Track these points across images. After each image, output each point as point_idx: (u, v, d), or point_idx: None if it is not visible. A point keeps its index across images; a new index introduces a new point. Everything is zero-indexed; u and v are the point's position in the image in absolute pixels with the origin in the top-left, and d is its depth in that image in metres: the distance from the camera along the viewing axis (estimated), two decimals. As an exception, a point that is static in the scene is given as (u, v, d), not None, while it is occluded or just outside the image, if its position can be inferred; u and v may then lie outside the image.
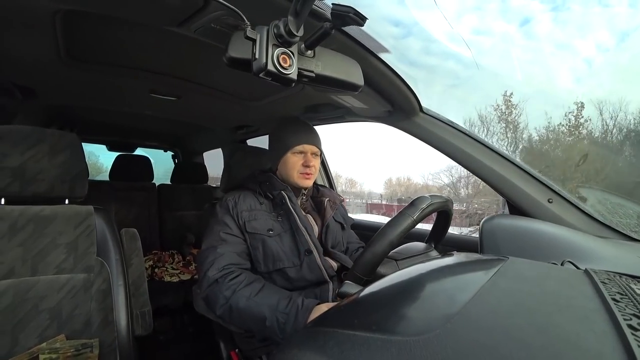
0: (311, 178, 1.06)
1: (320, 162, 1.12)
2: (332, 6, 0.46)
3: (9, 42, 0.89)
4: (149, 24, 0.72)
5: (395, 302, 0.44)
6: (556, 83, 6.52)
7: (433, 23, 1.69)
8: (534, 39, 9.73)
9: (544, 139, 7.20)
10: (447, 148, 1.05)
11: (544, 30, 8.87)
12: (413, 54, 10.77)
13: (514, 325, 0.33)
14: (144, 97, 1.41)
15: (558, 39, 8.52)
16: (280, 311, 0.83)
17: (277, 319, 0.82)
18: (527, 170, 0.99)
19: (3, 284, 0.85)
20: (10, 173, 0.88)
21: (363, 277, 0.69)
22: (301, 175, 1.04)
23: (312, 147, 1.05)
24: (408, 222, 0.71)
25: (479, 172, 1.02)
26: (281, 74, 0.47)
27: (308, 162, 1.04)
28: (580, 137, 6.79)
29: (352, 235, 1.27)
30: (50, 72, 1.13)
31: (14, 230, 0.88)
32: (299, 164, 1.04)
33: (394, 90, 0.94)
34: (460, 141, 1.03)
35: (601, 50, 8.19)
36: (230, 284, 0.89)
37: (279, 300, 0.85)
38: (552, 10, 10.63)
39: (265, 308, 0.84)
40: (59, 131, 0.98)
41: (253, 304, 0.85)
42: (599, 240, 0.87)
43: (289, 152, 1.04)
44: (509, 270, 0.48)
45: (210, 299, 0.91)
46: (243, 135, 2.06)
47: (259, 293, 0.88)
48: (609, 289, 0.40)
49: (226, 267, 0.92)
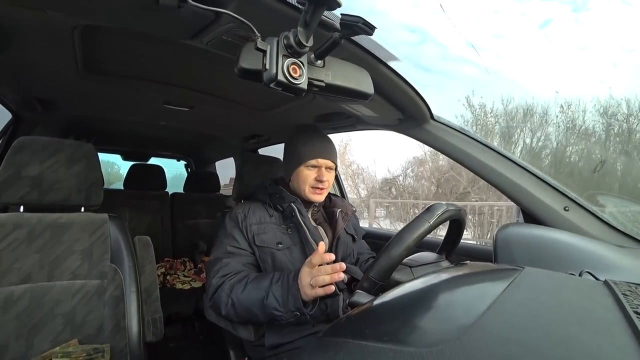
0: (323, 193, 1.02)
1: (334, 176, 1.08)
2: (341, 16, 0.47)
3: (30, 57, 0.93)
4: (163, 37, 0.74)
5: (407, 313, 0.43)
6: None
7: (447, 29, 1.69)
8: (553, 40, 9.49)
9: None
10: (460, 155, 1.04)
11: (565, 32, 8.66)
12: (429, 61, 10.71)
13: (530, 337, 0.32)
14: (158, 108, 1.44)
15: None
16: (274, 284, 0.85)
17: (273, 294, 0.84)
18: (542, 177, 0.97)
19: (20, 289, 0.87)
20: (30, 182, 0.91)
21: (378, 281, 0.68)
22: (312, 190, 1.01)
23: (327, 162, 1.02)
24: (425, 227, 0.70)
25: (492, 179, 1.01)
26: (291, 84, 0.48)
27: (321, 176, 1.00)
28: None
29: (363, 246, 1.25)
30: (68, 85, 1.17)
31: (32, 237, 0.91)
32: (311, 177, 1.01)
33: (404, 98, 0.93)
34: (472, 148, 1.02)
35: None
36: (229, 282, 0.91)
37: (272, 279, 0.87)
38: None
39: (261, 290, 0.86)
40: (76, 142, 1.01)
41: (250, 288, 0.87)
42: (619, 250, 0.84)
43: (302, 166, 1.01)
44: (524, 280, 0.47)
45: (216, 303, 0.91)
46: (254, 144, 2.09)
47: (253, 280, 0.89)
48: (631, 301, 0.39)
49: (229, 273, 0.93)
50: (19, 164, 0.91)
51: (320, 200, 1.04)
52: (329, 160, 1.02)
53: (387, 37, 0.90)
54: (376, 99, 0.93)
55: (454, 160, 1.07)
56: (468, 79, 10.11)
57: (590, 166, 5.62)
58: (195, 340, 1.99)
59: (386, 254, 0.69)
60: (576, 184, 5.25)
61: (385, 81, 0.84)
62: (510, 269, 0.53)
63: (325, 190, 1.03)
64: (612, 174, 4.73)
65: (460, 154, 1.04)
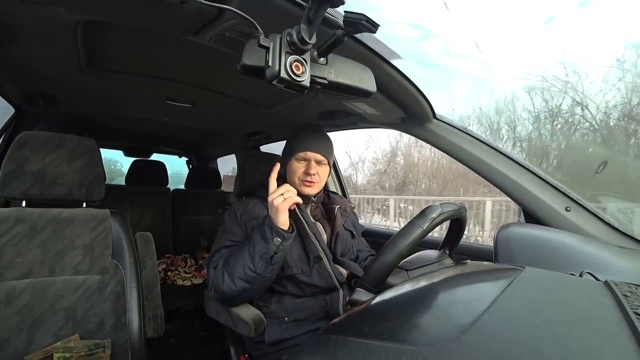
0: (313, 186, 1.03)
1: (328, 171, 1.08)
2: (345, 14, 0.46)
3: (32, 53, 0.93)
4: (165, 33, 0.74)
5: (407, 311, 0.43)
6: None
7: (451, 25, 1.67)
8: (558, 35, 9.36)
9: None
10: (461, 155, 1.04)
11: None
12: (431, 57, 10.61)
13: (530, 336, 0.32)
14: (160, 104, 1.44)
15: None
16: (253, 236, 0.90)
17: (253, 241, 0.89)
18: (544, 177, 0.97)
19: (22, 283, 0.87)
20: (32, 177, 0.91)
21: (372, 287, 0.68)
22: (302, 182, 1.02)
23: (316, 155, 1.02)
24: (417, 233, 0.69)
25: (494, 179, 1.01)
26: (294, 81, 0.48)
27: (309, 169, 1.01)
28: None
29: (362, 243, 1.26)
30: (71, 80, 1.17)
31: (34, 232, 0.91)
32: (300, 170, 1.02)
33: (406, 96, 0.93)
34: (474, 148, 1.02)
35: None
36: (221, 263, 0.94)
37: (253, 238, 0.90)
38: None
39: (244, 247, 0.91)
40: (78, 137, 1.01)
41: (236, 253, 0.92)
42: (620, 251, 0.84)
43: (292, 158, 1.03)
44: (525, 280, 0.47)
45: (217, 287, 0.93)
46: (256, 141, 2.09)
47: (240, 250, 0.92)
48: (631, 302, 0.39)
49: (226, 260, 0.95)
50: (21, 159, 0.91)
51: (310, 193, 1.04)
52: (318, 154, 1.03)
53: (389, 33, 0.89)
54: (379, 97, 0.93)
55: (456, 160, 1.07)
56: (470, 75, 10.02)
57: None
58: (195, 336, 1.99)
59: (378, 260, 0.69)
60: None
61: (388, 79, 0.83)
62: (511, 269, 0.53)
63: (315, 184, 1.03)
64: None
65: (463, 153, 1.04)
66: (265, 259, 0.87)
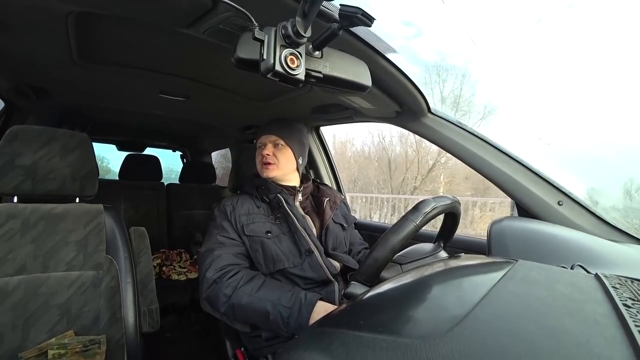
0: (270, 168, 1.05)
1: (292, 155, 1.08)
2: (340, 7, 0.46)
3: (23, 44, 0.91)
4: (159, 25, 0.73)
5: (402, 304, 0.44)
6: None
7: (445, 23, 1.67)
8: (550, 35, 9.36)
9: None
10: (456, 149, 1.05)
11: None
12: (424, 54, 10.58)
13: (522, 328, 0.33)
14: (153, 97, 1.43)
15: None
16: (283, 305, 0.83)
17: (280, 314, 0.83)
18: (537, 172, 0.98)
19: (15, 280, 0.86)
20: (23, 172, 0.90)
21: (366, 283, 0.68)
22: (261, 167, 1.06)
23: (269, 137, 1.06)
24: (410, 228, 0.69)
25: (488, 173, 1.01)
26: (289, 74, 0.47)
27: (262, 151, 1.06)
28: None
29: (355, 236, 1.26)
30: (62, 73, 1.15)
31: (26, 228, 0.90)
32: (259, 155, 1.07)
33: (402, 91, 0.93)
34: (468, 142, 1.03)
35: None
36: (229, 282, 0.90)
37: (281, 295, 0.86)
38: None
39: (267, 303, 0.85)
40: (70, 131, 1.00)
41: (255, 300, 0.86)
42: (610, 244, 0.86)
43: (258, 148, 1.09)
44: (517, 273, 0.47)
45: (212, 299, 0.92)
46: (251, 135, 2.07)
47: (260, 288, 0.88)
48: (620, 294, 0.40)
49: (224, 267, 0.93)
50: (12, 153, 0.90)
51: (268, 175, 1.06)
52: (271, 135, 1.06)
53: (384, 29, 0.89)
54: (374, 91, 0.93)
55: (450, 154, 1.08)
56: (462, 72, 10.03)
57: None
58: (191, 330, 2.00)
59: (371, 256, 0.69)
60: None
61: (384, 73, 0.83)
62: (504, 262, 0.54)
63: (272, 165, 1.05)
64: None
65: (457, 148, 1.04)
66: (274, 328, 0.87)
